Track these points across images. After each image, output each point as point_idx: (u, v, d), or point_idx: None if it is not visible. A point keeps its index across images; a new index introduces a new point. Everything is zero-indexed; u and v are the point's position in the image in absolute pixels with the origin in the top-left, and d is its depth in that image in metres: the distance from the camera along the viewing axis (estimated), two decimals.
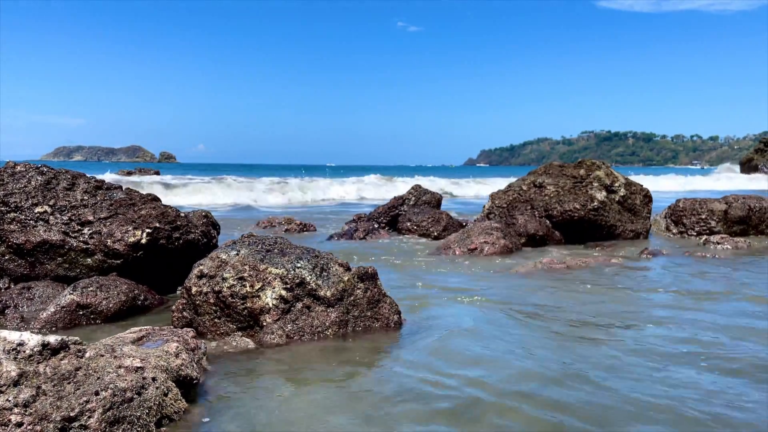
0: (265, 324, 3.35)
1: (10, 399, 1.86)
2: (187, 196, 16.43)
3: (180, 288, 4.56)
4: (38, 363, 2.01)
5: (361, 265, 3.74)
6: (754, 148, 48.57)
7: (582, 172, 8.56)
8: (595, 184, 8.34)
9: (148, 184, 17.82)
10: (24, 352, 2.00)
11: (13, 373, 1.91)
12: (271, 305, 3.38)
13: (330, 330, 3.44)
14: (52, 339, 2.08)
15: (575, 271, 5.81)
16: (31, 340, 2.04)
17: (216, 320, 3.45)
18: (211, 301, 3.44)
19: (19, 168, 4.52)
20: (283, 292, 3.41)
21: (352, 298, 3.58)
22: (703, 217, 8.64)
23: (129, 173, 25.06)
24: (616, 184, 8.51)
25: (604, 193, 8.29)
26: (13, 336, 2.02)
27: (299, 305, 3.45)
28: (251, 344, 3.20)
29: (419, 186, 10.19)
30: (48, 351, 2.05)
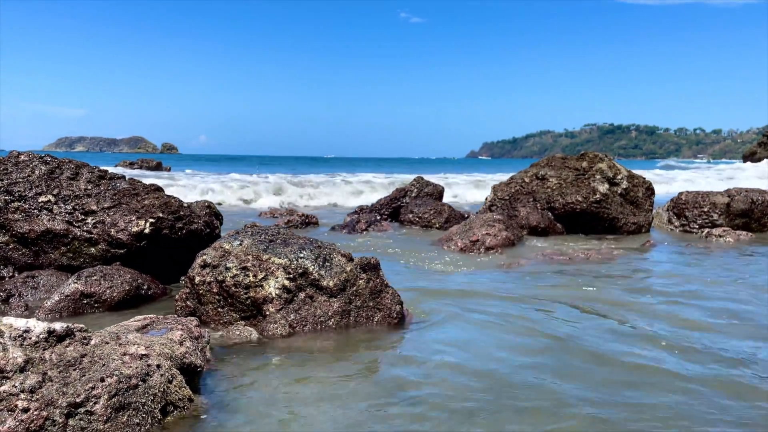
0: (268, 313, 3.37)
1: (16, 385, 1.88)
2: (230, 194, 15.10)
3: (183, 277, 4.58)
4: (44, 350, 2.02)
5: (363, 256, 3.75)
6: (757, 142, 48.42)
7: (585, 164, 8.55)
8: (598, 177, 8.33)
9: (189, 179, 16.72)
10: (30, 338, 2.01)
11: (20, 360, 1.93)
12: (274, 295, 3.40)
13: (332, 320, 3.46)
14: (58, 326, 2.09)
15: (577, 263, 5.82)
16: (37, 327, 2.05)
17: (219, 309, 3.47)
18: (215, 290, 3.46)
19: (23, 157, 4.53)
20: (286, 282, 3.43)
21: (354, 288, 3.59)
22: (706, 210, 8.64)
23: (131, 164, 25.03)
24: (619, 177, 8.50)
25: (606, 185, 8.29)
26: (19, 323, 2.04)
27: (302, 295, 3.46)
28: (254, 333, 3.22)
29: (421, 178, 10.20)
30: (54, 338, 2.06)
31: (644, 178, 8.90)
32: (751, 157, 46.12)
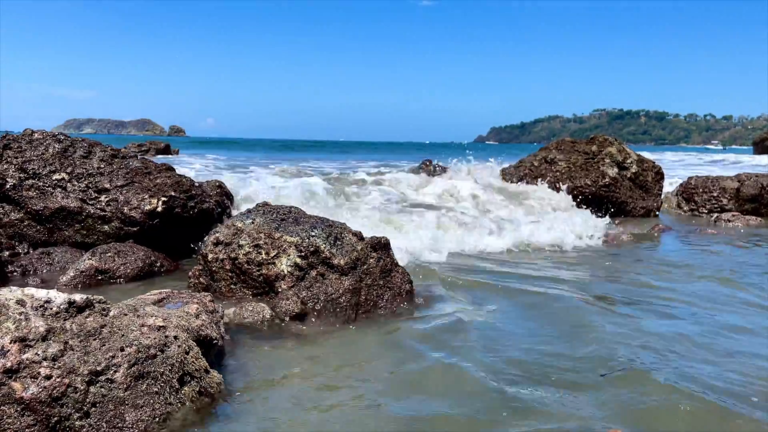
0: (280, 290, 3.41)
1: (39, 353, 1.93)
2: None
3: (195, 255, 4.63)
4: (65, 320, 2.07)
5: (374, 235, 3.78)
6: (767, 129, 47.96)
7: (594, 148, 8.53)
8: (607, 161, 8.31)
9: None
10: (51, 309, 2.06)
11: (42, 329, 1.98)
12: (286, 272, 3.44)
13: (343, 297, 3.49)
14: (78, 297, 2.14)
15: (584, 247, 5.83)
16: (58, 298, 2.10)
17: (232, 286, 3.52)
18: (227, 267, 3.51)
19: (36, 135, 4.57)
20: (298, 260, 3.47)
21: (365, 266, 3.63)
22: (715, 194, 8.61)
23: (140, 146, 25.08)
24: (628, 161, 8.48)
25: (615, 169, 8.27)
26: (41, 294, 2.09)
27: (313, 273, 3.50)
28: (267, 310, 3.27)
29: (430, 161, 10.22)
30: (74, 309, 2.11)
31: (654, 163, 8.87)
32: (761, 143, 45.72)
